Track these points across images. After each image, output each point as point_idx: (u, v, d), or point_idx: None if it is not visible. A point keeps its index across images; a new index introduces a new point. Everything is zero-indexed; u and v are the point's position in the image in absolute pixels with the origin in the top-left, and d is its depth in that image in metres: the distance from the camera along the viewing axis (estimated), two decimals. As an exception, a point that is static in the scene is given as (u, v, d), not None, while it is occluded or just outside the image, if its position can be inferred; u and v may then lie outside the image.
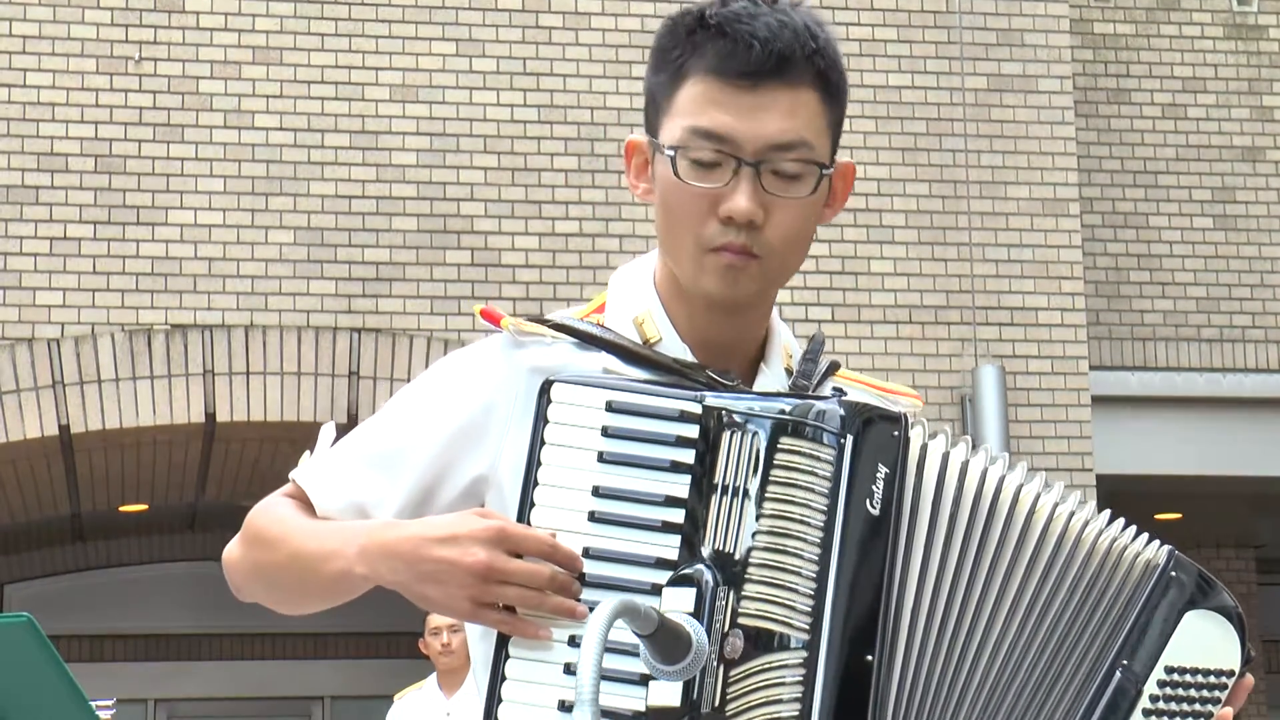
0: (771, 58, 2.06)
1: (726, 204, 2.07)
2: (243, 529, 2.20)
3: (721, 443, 1.99)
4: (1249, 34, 11.09)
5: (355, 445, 2.18)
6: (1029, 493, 2.07)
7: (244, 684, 13.93)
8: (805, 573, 1.96)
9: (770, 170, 2.08)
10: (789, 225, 2.10)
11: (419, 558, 1.99)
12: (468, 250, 9.38)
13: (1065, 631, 2.08)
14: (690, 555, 1.98)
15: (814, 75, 2.10)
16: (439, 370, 2.19)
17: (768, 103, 2.07)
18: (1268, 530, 13.12)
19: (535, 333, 2.13)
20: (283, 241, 9.25)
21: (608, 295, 2.22)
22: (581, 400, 2.02)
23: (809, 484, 1.98)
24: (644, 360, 2.11)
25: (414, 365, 9.23)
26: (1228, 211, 10.86)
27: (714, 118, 2.08)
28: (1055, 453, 9.74)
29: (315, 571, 2.10)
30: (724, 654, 1.94)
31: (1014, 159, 9.93)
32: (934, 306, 9.72)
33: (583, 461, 2.01)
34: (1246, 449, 10.56)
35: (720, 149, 2.07)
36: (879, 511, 1.98)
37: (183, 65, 9.29)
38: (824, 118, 2.12)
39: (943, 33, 9.95)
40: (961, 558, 2.02)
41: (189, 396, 9.08)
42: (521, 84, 9.54)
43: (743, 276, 2.11)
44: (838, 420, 1.98)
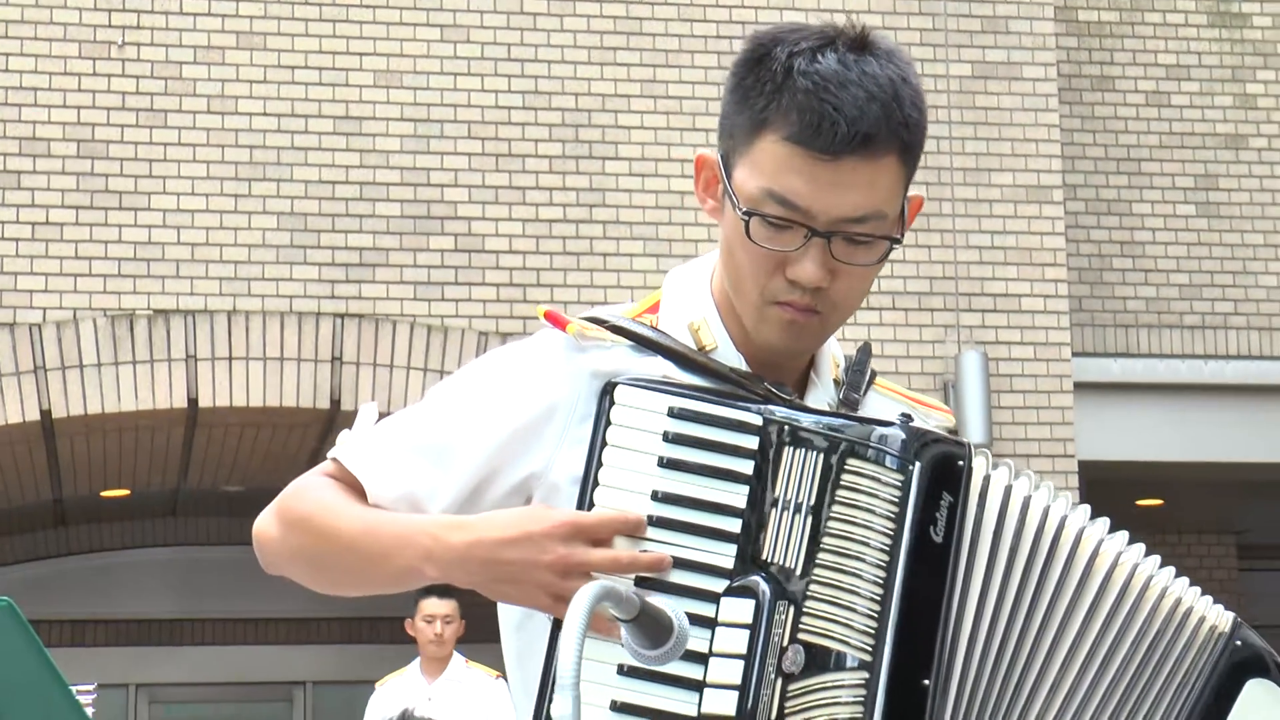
0: (857, 139, 2.02)
1: (794, 267, 2.07)
2: (280, 508, 2.18)
3: (783, 458, 2.01)
4: (1232, 22, 11.10)
5: (407, 432, 2.15)
6: (1091, 536, 2.08)
7: (226, 669, 13.92)
8: (866, 594, 1.97)
9: (842, 239, 2.07)
10: (855, 286, 2.11)
11: (494, 561, 2.00)
12: (451, 236, 9.36)
13: (1130, 686, 2.09)
14: (744, 566, 1.99)
15: (896, 143, 2.06)
16: (499, 364, 2.17)
17: (847, 177, 2.04)
18: (1249, 516, 13.15)
19: (597, 337, 2.12)
20: (266, 227, 9.23)
21: (662, 296, 2.22)
22: (644, 404, 2.04)
23: (872, 506, 1.99)
24: (702, 368, 2.11)
25: (397, 351, 9.22)
26: (1210, 199, 10.87)
27: (790, 186, 2.05)
28: (1038, 439, 9.76)
29: (377, 566, 2.10)
30: (782, 668, 1.96)
31: (998, 146, 9.93)
32: (918, 293, 9.72)
33: (643, 465, 2.02)
34: (1228, 435, 10.58)
35: (792, 216, 2.05)
36: (941, 540, 2.00)
37: (166, 50, 9.27)
38: (903, 176, 2.10)
39: (927, 19, 9.95)
40: (1020, 593, 2.04)
41: (171, 382, 9.07)
42: (506, 70, 9.52)
43: (805, 333, 2.12)
44: (900, 444, 2.00)
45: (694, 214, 9.46)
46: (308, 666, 14.01)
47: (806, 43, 2.06)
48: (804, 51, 2.05)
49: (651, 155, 9.51)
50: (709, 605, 1.98)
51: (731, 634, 1.97)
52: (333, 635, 13.92)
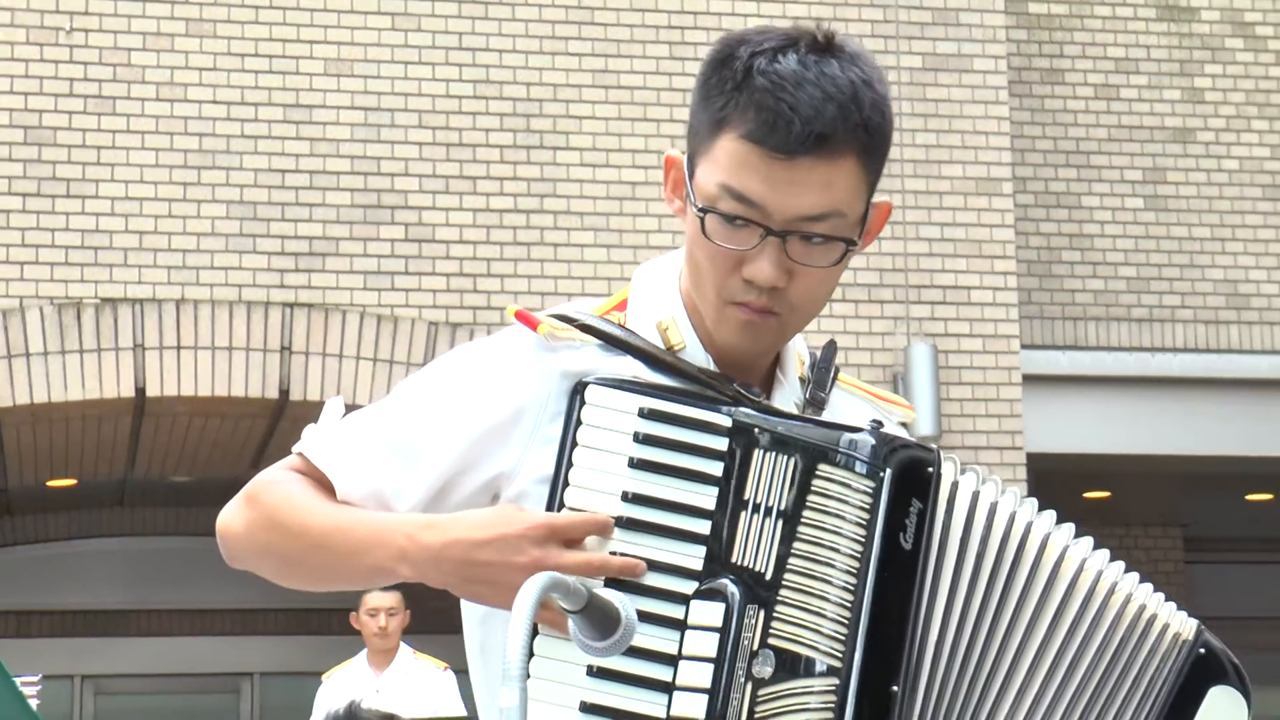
0: (810, 138, 2.03)
1: (750, 266, 2.07)
2: (247, 502, 2.17)
3: (752, 460, 2.01)
4: (1181, 15, 11.14)
5: (376, 429, 2.15)
6: (1057, 542, 2.10)
7: (172, 660, 13.86)
8: (836, 600, 1.98)
9: (798, 238, 2.07)
10: (812, 288, 2.10)
11: (469, 562, 2.00)
12: (402, 225, 9.34)
13: (1096, 693, 2.11)
14: (713, 568, 2.00)
15: (855, 144, 2.06)
16: (467, 363, 2.17)
17: (803, 176, 2.04)
18: (1195, 509, 13.23)
19: (567, 337, 2.12)
20: (215, 215, 9.19)
21: (630, 293, 2.21)
22: (615, 404, 2.04)
23: (842, 512, 2.00)
24: (671, 368, 2.11)
25: (346, 341, 9.19)
26: (1159, 192, 10.92)
27: (746, 183, 2.05)
28: (986, 431, 9.79)
29: (348, 564, 2.10)
30: (752, 672, 1.97)
31: (948, 138, 9.96)
32: (867, 285, 9.74)
33: (613, 465, 2.03)
34: (1175, 428, 10.62)
35: (748, 213, 2.06)
36: (910, 546, 2.01)
37: (115, 36, 9.21)
38: (863, 179, 2.09)
39: (878, 11, 9.97)
40: (986, 599, 2.05)
41: (119, 371, 9.02)
42: (457, 59, 9.50)
43: (761, 332, 2.12)
44: (870, 450, 2.01)
45: (645, 205, 9.46)
46: (255, 658, 13.97)
47: (770, 44, 2.07)
48: (766, 52, 2.06)
49: (603, 145, 9.50)
50: (678, 607, 1.99)
51: (701, 637, 1.98)
52: (280, 626, 13.87)
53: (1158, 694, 2.13)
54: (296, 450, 2.19)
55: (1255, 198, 10.98)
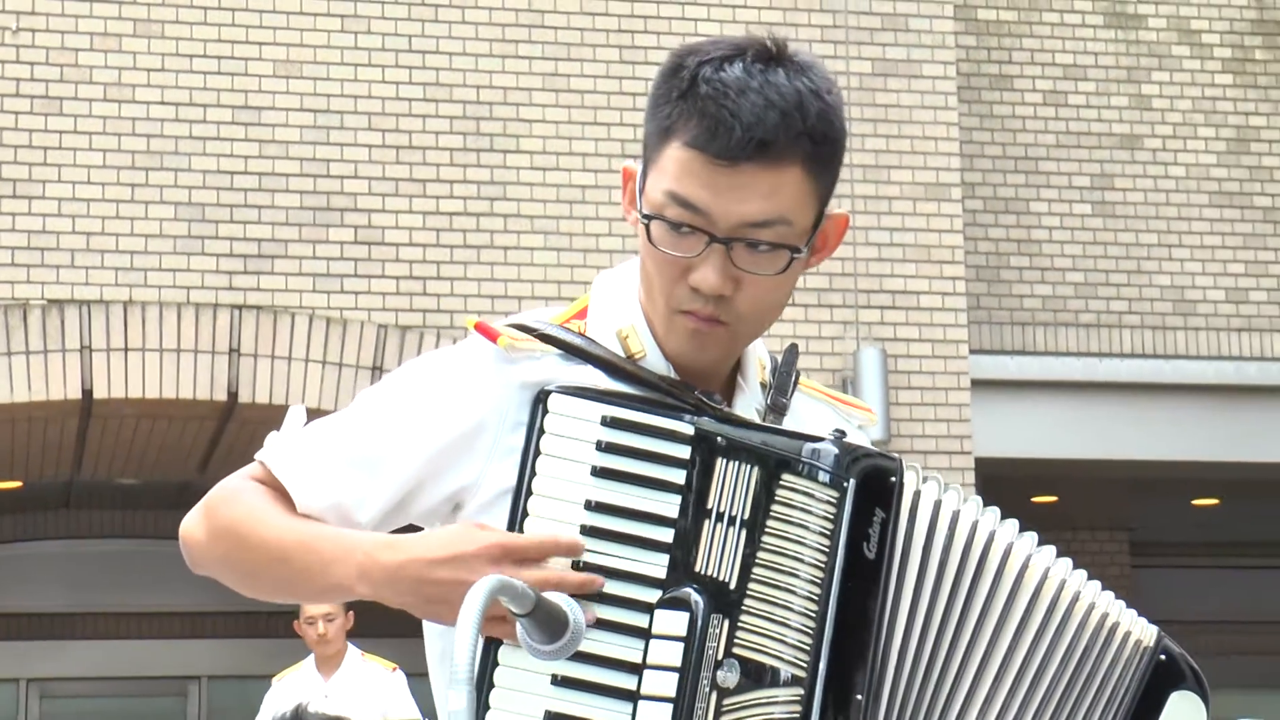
0: (751, 145, 2.03)
1: (696, 274, 2.07)
2: (208, 511, 2.17)
3: (715, 469, 2.02)
4: (1128, 23, 11.19)
5: (336, 441, 2.15)
6: (1019, 551, 2.10)
7: (119, 663, 13.78)
8: (800, 610, 1.99)
9: (743, 245, 2.06)
10: (760, 297, 2.10)
11: (425, 580, 1.99)
12: (351, 228, 9.31)
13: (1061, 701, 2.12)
14: (677, 577, 2.00)
15: (800, 153, 2.06)
16: (428, 374, 2.17)
17: (746, 183, 2.04)
18: (1141, 514, 13.29)
19: (527, 348, 2.12)
20: (163, 217, 9.14)
21: (590, 301, 2.21)
22: (578, 413, 2.04)
23: (805, 522, 2.00)
24: (632, 377, 2.11)
25: (295, 343, 9.15)
26: (1106, 198, 10.96)
27: (689, 189, 2.05)
28: (935, 435, 9.81)
29: (307, 580, 2.10)
30: (717, 681, 1.97)
31: (898, 143, 9.97)
32: (817, 289, 9.75)
33: (576, 474, 2.02)
34: (1122, 433, 10.67)
35: (693, 220, 2.06)
36: (874, 556, 2.01)
37: (62, 37, 9.16)
38: (810, 188, 2.09)
39: (828, 16, 9.98)
40: (949, 607, 2.06)
41: (65, 372, 8.96)
42: (407, 61, 9.48)
43: (709, 342, 2.11)
44: (833, 459, 2.02)
45: (595, 208, 9.45)
46: (202, 661, 13.90)
47: (718, 53, 2.08)
48: (712, 61, 2.07)
49: (553, 149, 9.50)
50: (642, 616, 1.99)
51: (666, 646, 1.98)
52: (227, 630, 13.81)
53: (1120, 701, 2.15)
54: (259, 458, 2.18)
55: (1201, 204, 11.03)
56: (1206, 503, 13.36)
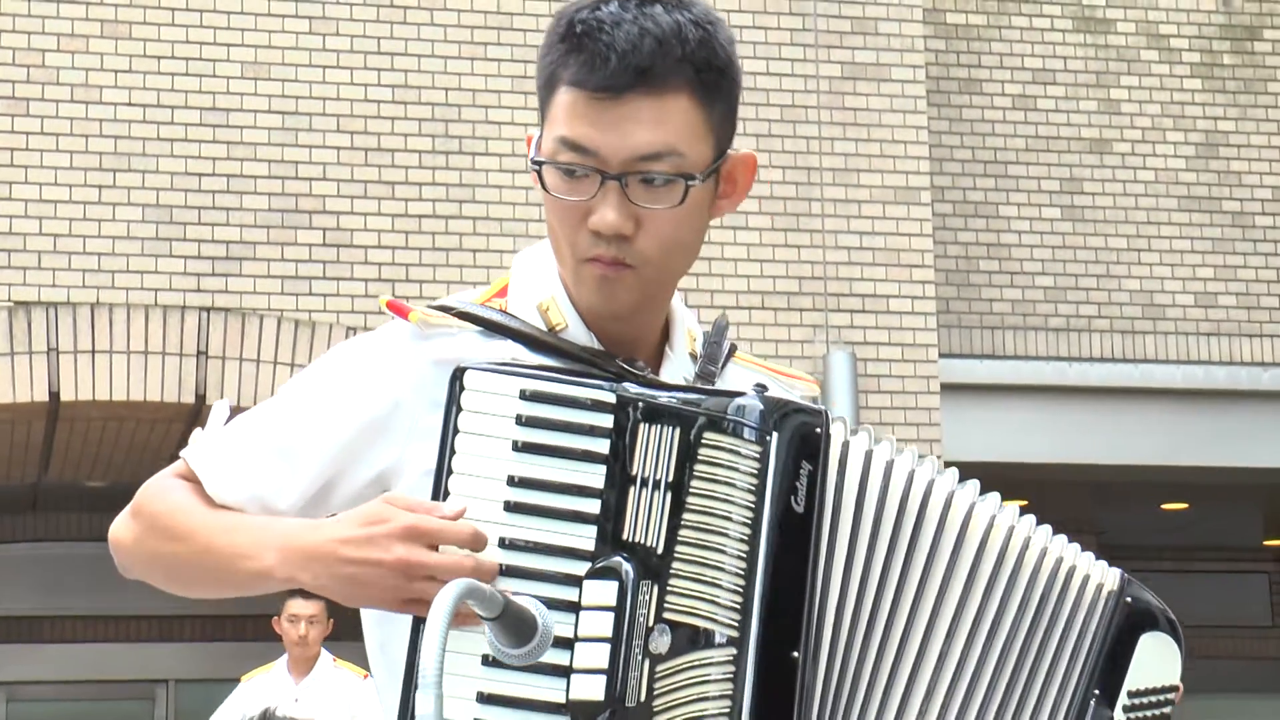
0: (629, 71, 2.03)
1: (594, 216, 2.06)
2: (134, 511, 2.16)
3: (639, 435, 1.99)
4: (1097, 27, 11.21)
5: (254, 432, 2.14)
6: (961, 500, 2.08)
7: (86, 667, 13.72)
8: (730, 569, 1.95)
9: (638, 181, 2.06)
10: (663, 234, 2.08)
11: (338, 560, 1.97)
12: (320, 230, 9.29)
13: (1024, 651, 2.09)
14: (606, 547, 1.98)
15: (684, 80, 2.06)
16: (342, 359, 2.16)
17: (631, 114, 2.04)
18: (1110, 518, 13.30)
19: (442, 324, 2.11)
20: (130, 218, 9.11)
21: (510, 279, 2.20)
22: (495, 388, 2.01)
23: (732, 480, 1.97)
24: (552, 349, 2.10)
25: (264, 345, 9.13)
26: (1075, 202, 10.97)
27: (577, 129, 2.05)
28: (905, 439, 9.77)
29: (228, 569, 2.08)
30: (649, 648, 1.94)
31: (867, 147, 9.97)
32: (786, 293, 9.74)
33: (497, 450, 1.99)
34: (1091, 437, 10.68)
35: (584, 161, 2.06)
36: (803, 509, 1.98)
37: (28, 37, 9.12)
38: (701, 118, 2.08)
39: (798, 20, 9.98)
40: (889, 560, 2.03)
41: (32, 375, 8.93)
42: (376, 63, 9.46)
43: (618, 288, 2.10)
44: (758, 415, 1.98)
45: (564, 211, 9.42)
46: (170, 664, 13.85)
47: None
48: (588, 5, 2.08)
49: (522, 151, 9.43)
50: (571, 589, 1.97)
51: (596, 617, 1.96)
52: (195, 633, 13.77)
53: (1089, 649, 2.12)
54: (181, 455, 2.18)
55: (1170, 209, 11.05)
56: (1176, 507, 13.39)
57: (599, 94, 2.04)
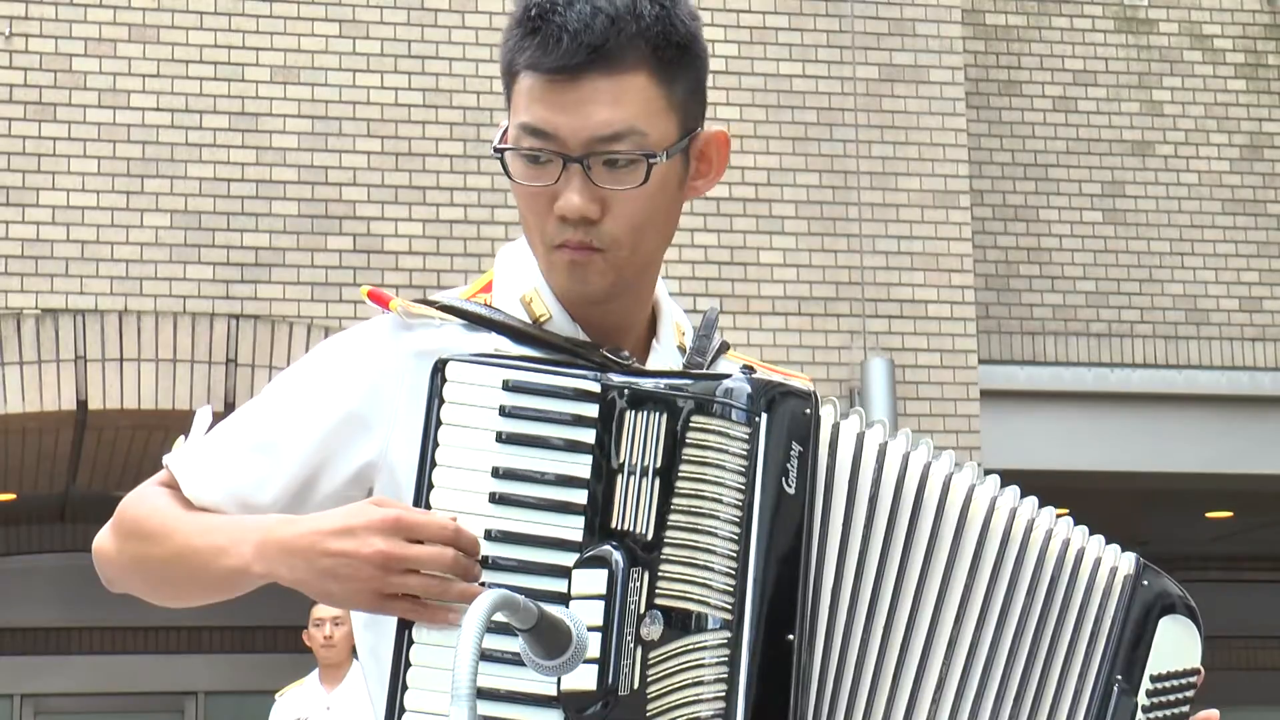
0: (581, 50, 2.01)
1: (560, 201, 2.05)
2: (115, 519, 2.15)
3: (625, 422, 1.97)
4: (1139, 27, 11.14)
5: (233, 431, 2.13)
6: (960, 483, 2.05)
7: (115, 679, 13.74)
8: (722, 552, 1.93)
9: (600, 163, 2.04)
10: (631, 215, 2.06)
11: (316, 553, 1.95)
12: (350, 236, 9.23)
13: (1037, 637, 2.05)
14: (594, 536, 1.96)
15: (640, 57, 2.04)
16: (322, 353, 2.16)
17: (588, 95, 2.03)
18: (1154, 527, 13.21)
19: (423, 315, 2.10)
20: (159, 225, 9.07)
21: (494, 273, 2.19)
22: (477, 379, 1.99)
23: (722, 462, 1.95)
24: (536, 340, 2.09)
25: (293, 353, 9.06)
26: (1117, 206, 10.91)
27: (536, 114, 2.04)
28: (943, 446, 9.55)
29: (206, 568, 2.06)
30: (641, 635, 1.93)
31: (905, 150, 9.89)
32: (823, 298, 9.66)
33: (480, 442, 1.98)
34: (1134, 445, 10.61)
35: (545, 146, 2.04)
36: (795, 490, 1.96)
37: (56, 42, 9.09)
38: (661, 96, 2.06)
39: (834, 21, 9.90)
40: (888, 542, 2.01)
41: (60, 383, 8.90)
42: (406, 67, 9.40)
43: (589, 272, 2.08)
44: (746, 397, 1.96)
45: (598, 216, 9.36)
46: (199, 676, 13.86)
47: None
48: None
49: (555, 155, 9.41)
50: (560, 580, 1.95)
51: (586, 606, 1.93)
52: (225, 645, 13.78)
53: (1108, 633, 2.08)
54: (164, 462, 2.16)
55: (1214, 211, 10.97)
56: (1220, 515, 13.30)
57: (554, 75, 2.03)
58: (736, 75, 9.65)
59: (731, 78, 9.62)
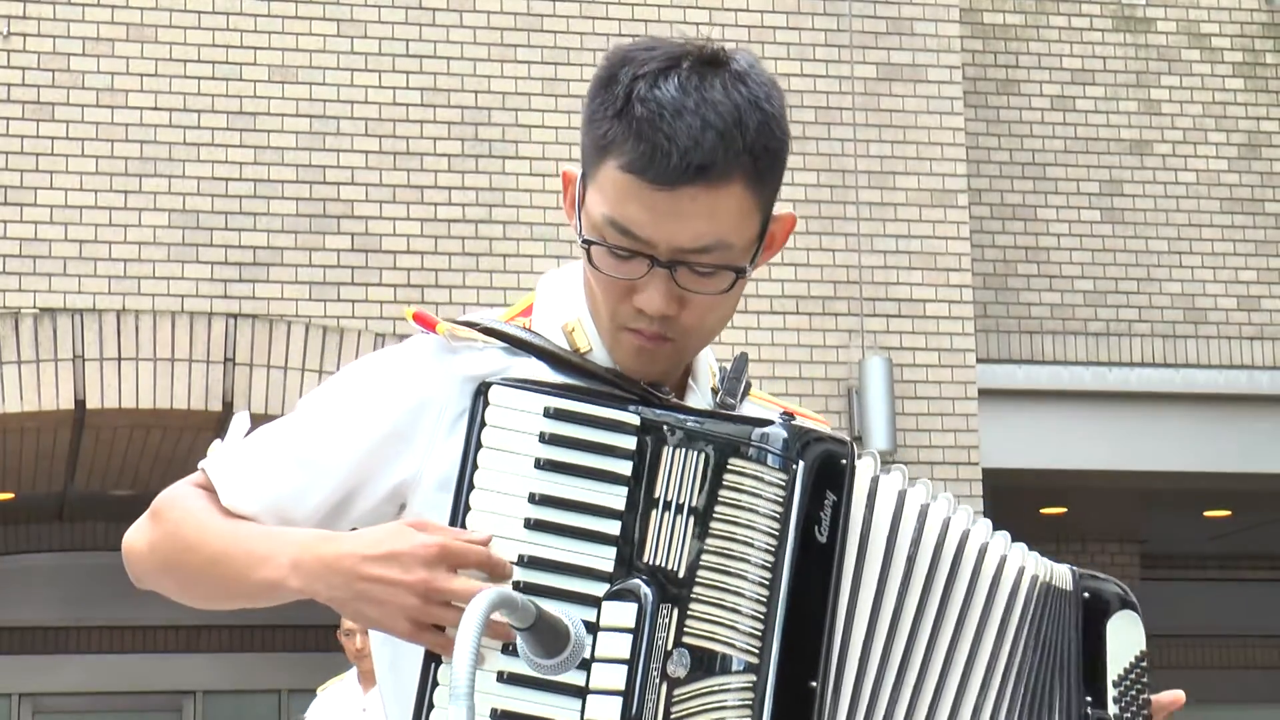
0: (690, 170, 1.98)
1: (640, 296, 2.04)
2: (150, 519, 2.14)
3: (662, 457, 1.99)
4: (1137, 26, 11.12)
5: (274, 442, 2.12)
6: (995, 549, 2.09)
7: (113, 678, 13.71)
8: (751, 595, 1.94)
9: (686, 268, 2.03)
10: (705, 313, 2.07)
11: (358, 575, 1.95)
12: (348, 235, 9.22)
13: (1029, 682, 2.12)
14: (625, 569, 1.97)
15: (741, 170, 2.01)
16: (367, 369, 2.14)
17: (686, 207, 2.00)
18: (1152, 526, 13.20)
19: (468, 338, 2.09)
20: (157, 224, 9.06)
21: (535, 299, 2.18)
22: (520, 404, 2.01)
23: (756, 506, 1.96)
24: (577, 369, 2.09)
25: (291, 352, 9.05)
26: (1115, 204, 10.89)
27: (629, 215, 2.01)
28: (941, 446, 9.70)
29: (242, 578, 2.06)
30: (667, 672, 1.93)
31: (902, 149, 9.88)
32: (821, 297, 9.65)
33: (519, 467, 1.99)
34: (1132, 443, 10.60)
35: (634, 246, 2.02)
36: (826, 539, 1.98)
37: (53, 41, 9.08)
38: (751, 204, 2.04)
39: (832, 20, 9.89)
40: (923, 602, 2.04)
41: (58, 382, 8.88)
42: (404, 66, 9.39)
43: (656, 357, 2.09)
44: (783, 443, 1.98)
45: (596, 215, 9.34)
46: (198, 675, 13.84)
47: (651, 65, 2.02)
48: (646, 76, 2.01)
49: (552, 155, 9.39)
50: (590, 609, 1.96)
51: (614, 639, 1.95)
52: (223, 644, 13.75)
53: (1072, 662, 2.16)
54: (200, 465, 2.15)
55: (1212, 210, 10.96)
56: (1218, 514, 13.28)
57: (655, 185, 1.99)
58: (734, 74, 9.64)
59: (729, 77, 9.61)
